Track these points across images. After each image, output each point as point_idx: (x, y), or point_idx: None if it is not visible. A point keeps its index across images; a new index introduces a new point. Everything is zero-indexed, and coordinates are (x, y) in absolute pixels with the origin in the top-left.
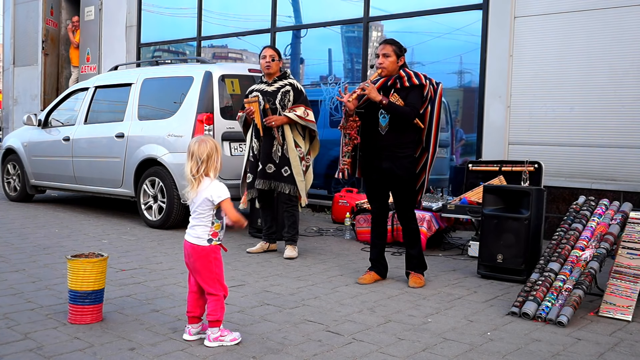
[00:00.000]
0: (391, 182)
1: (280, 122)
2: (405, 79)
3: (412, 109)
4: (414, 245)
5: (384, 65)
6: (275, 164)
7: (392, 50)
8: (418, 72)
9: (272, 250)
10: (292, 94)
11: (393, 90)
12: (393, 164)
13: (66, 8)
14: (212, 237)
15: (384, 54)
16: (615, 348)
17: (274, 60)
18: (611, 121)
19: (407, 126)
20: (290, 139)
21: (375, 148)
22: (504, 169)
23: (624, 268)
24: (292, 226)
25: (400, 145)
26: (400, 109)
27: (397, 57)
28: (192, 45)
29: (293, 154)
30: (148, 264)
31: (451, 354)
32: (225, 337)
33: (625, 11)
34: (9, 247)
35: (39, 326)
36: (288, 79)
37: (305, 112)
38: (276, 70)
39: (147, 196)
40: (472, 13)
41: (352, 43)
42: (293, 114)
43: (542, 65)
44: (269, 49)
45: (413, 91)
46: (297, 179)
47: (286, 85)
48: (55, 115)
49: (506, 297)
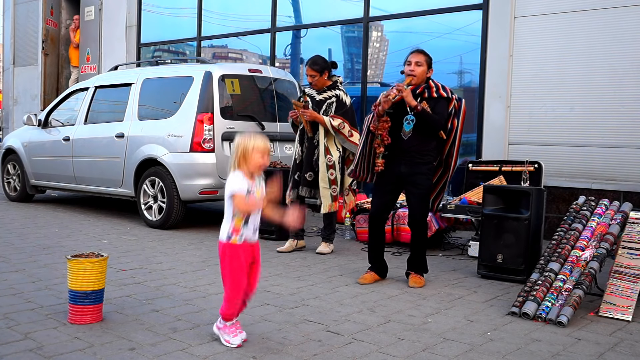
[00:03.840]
0: (407, 187)
1: (312, 117)
2: (434, 90)
3: (441, 118)
4: (419, 249)
5: (415, 73)
6: (315, 172)
7: (425, 60)
8: (445, 85)
9: (300, 247)
10: (335, 105)
11: (420, 99)
12: (411, 169)
13: (66, 8)
14: (232, 233)
15: (416, 62)
16: (615, 348)
17: (315, 77)
18: (611, 121)
19: (431, 135)
20: (322, 144)
21: (395, 152)
22: (504, 169)
23: (624, 268)
24: (329, 226)
25: (421, 152)
26: (432, 117)
27: (427, 67)
28: (192, 45)
29: (321, 159)
30: (148, 264)
31: (451, 354)
32: (223, 335)
33: (625, 11)
34: (9, 247)
35: (39, 326)
36: (336, 90)
37: (342, 125)
38: (323, 83)
39: (147, 196)
40: (472, 13)
41: (352, 43)
42: (329, 120)
43: (542, 65)
44: (308, 69)
45: (440, 102)
46: (321, 184)
47: (332, 97)
48: (55, 115)
49: (506, 297)
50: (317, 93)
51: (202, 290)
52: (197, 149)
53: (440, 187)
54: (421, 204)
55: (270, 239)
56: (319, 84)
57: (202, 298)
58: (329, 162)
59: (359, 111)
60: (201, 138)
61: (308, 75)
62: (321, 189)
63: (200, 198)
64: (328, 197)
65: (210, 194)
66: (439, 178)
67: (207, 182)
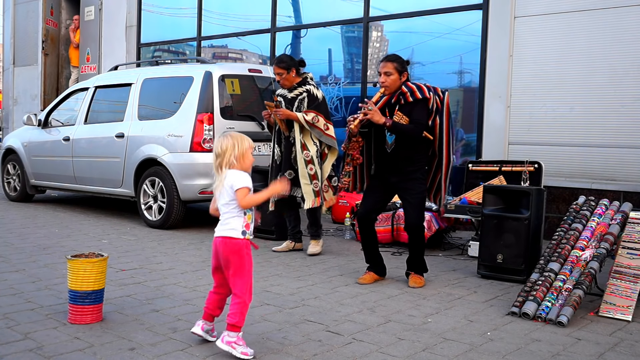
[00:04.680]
0: (400, 194)
1: (286, 115)
2: (408, 95)
3: (416, 125)
4: (418, 252)
5: (386, 84)
6: (295, 170)
7: (394, 67)
8: (421, 84)
9: (297, 249)
10: (307, 100)
11: (398, 107)
12: (403, 177)
13: (66, 8)
14: (245, 228)
15: (385, 72)
16: (615, 348)
17: (283, 75)
18: (611, 121)
19: (417, 142)
20: (298, 141)
21: (384, 164)
22: (504, 169)
23: (624, 268)
24: (315, 223)
25: (410, 160)
26: (404, 128)
27: (399, 74)
28: (192, 45)
29: (299, 156)
30: (148, 264)
31: (451, 354)
32: (238, 348)
33: (625, 11)
34: (9, 247)
35: (39, 326)
36: (306, 86)
37: (316, 118)
38: (292, 81)
39: (147, 196)
40: (472, 13)
41: (352, 43)
42: (302, 115)
43: (542, 65)
44: (275, 67)
45: (417, 106)
46: (302, 181)
47: (302, 93)
48: (55, 115)
49: (506, 297)
50: (289, 91)
51: (202, 290)
52: (197, 149)
53: (438, 181)
54: (416, 210)
55: (271, 239)
56: (288, 82)
57: (202, 298)
58: (307, 158)
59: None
60: (201, 138)
61: (276, 74)
62: (303, 186)
63: (200, 198)
64: (310, 192)
65: (210, 194)
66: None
67: (207, 182)
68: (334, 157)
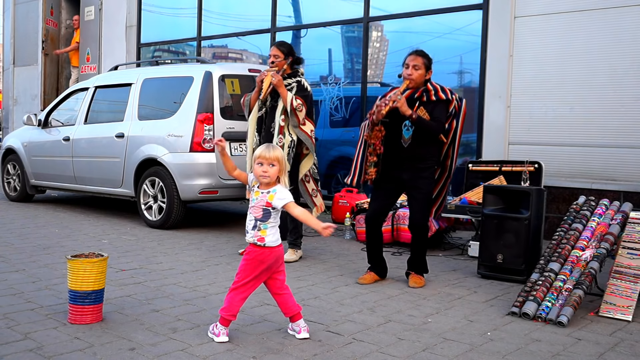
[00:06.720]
0: (409, 191)
1: (281, 84)
2: (432, 93)
3: (438, 124)
4: (420, 251)
5: (413, 77)
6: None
7: (423, 62)
8: (444, 86)
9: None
10: (296, 89)
11: (419, 103)
12: (414, 175)
13: (66, 8)
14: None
15: (414, 65)
16: (615, 348)
17: (279, 58)
18: (611, 121)
19: (432, 141)
20: (277, 122)
21: (396, 159)
22: (504, 169)
23: (624, 268)
24: (294, 230)
25: (422, 158)
26: (428, 124)
27: (426, 70)
28: (192, 45)
29: (275, 140)
30: (148, 264)
31: (451, 354)
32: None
33: (625, 11)
34: (9, 247)
35: (39, 326)
36: (297, 77)
37: (300, 107)
38: (283, 67)
39: (147, 196)
40: (472, 13)
41: (352, 43)
42: (291, 96)
43: (542, 65)
44: (273, 48)
45: (439, 105)
46: None
47: (292, 83)
48: (55, 115)
49: (506, 297)
50: None
51: (202, 290)
52: (197, 149)
53: (440, 190)
54: (423, 207)
55: None
56: (280, 65)
57: (202, 298)
58: (279, 143)
59: (359, 111)
60: (201, 138)
61: (272, 55)
62: None
63: (200, 198)
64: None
65: (210, 194)
66: (437, 180)
67: (207, 182)
68: (311, 160)
